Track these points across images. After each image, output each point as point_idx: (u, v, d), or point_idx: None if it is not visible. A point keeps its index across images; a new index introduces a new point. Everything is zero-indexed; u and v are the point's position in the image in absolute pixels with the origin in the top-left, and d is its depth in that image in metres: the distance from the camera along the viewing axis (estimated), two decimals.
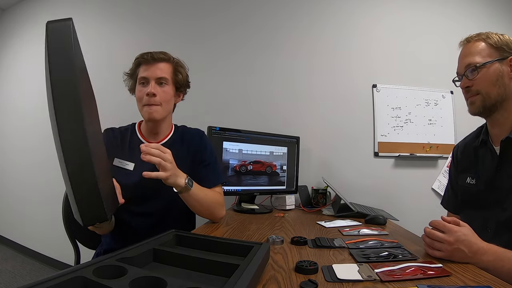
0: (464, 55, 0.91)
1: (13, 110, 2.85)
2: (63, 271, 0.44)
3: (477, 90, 0.88)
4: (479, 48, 0.87)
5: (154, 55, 1.04)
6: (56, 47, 0.49)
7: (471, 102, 0.91)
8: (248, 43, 2.05)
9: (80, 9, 2.43)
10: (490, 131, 0.96)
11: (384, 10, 2.05)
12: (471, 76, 0.87)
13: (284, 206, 1.56)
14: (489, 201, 0.90)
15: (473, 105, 0.91)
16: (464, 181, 1.00)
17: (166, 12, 2.14)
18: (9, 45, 2.99)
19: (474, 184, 0.96)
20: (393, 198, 1.91)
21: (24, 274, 2.19)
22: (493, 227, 0.89)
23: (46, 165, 2.48)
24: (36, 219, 2.53)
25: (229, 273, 0.48)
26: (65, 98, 0.48)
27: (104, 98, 2.15)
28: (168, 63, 1.07)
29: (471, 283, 0.58)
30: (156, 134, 1.10)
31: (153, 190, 1.00)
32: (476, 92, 0.88)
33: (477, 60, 0.86)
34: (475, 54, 0.87)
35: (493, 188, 0.89)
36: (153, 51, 1.05)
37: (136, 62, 1.06)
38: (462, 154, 1.05)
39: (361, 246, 0.83)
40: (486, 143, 0.95)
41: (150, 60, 1.03)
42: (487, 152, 0.94)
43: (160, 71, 1.03)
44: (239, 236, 0.95)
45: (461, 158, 1.05)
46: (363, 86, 2.00)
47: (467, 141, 1.06)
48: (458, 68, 0.94)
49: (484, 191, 0.92)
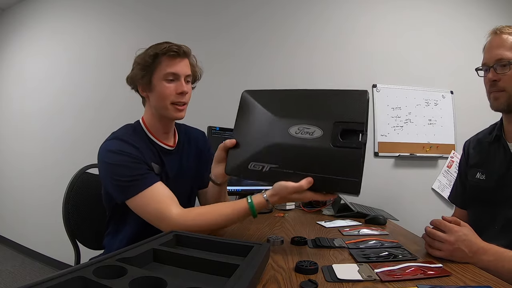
0: (496, 46, 0.85)
1: (13, 111, 2.85)
2: (63, 271, 0.44)
3: (504, 87, 0.84)
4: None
5: (185, 49, 0.93)
6: None
7: (495, 98, 0.87)
8: (248, 43, 2.05)
9: (81, 8, 2.43)
10: (505, 128, 0.94)
11: (384, 10, 2.05)
12: (501, 70, 0.83)
13: (284, 206, 1.56)
14: (498, 197, 0.89)
15: (497, 100, 0.87)
16: (474, 176, 0.99)
17: (167, 11, 2.15)
18: (9, 45, 2.99)
19: (483, 180, 0.95)
20: (393, 198, 1.91)
21: (24, 274, 2.19)
22: (501, 224, 0.88)
23: (46, 165, 2.49)
24: (36, 219, 2.53)
25: (229, 273, 0.48)
26: None
27: (108, 96, 2.16)
28: (189, 59, 0.99)
29: (471, 283, 0.58)
30: (167, 133, 1.02)
31: (185, 197, 1.03)
32: (502, 89, 0.84)
33: (510, 56, 0.82)
34: (508, 48, 0.82)
35: (504, 185, 0.88)
36: (178, 44, 0.94)
37: (157, 53, 0.90)
38: (474, 149, 1.04)
39: (361, 246, 0.83)
40: (500, 139, 0.94)
41: (183, 54, 0.93)
42: (500, 148, 0.93)
43: (187, 67, 0.96)
44: (239, 236, 0.95)
45: (472, 153, 1.04)
46: (363, 86, 1.98)
47: (480, 136, 1.04)
48: (485, 59, 0.88)
49: (494, 188, 0.91)
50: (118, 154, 0.84)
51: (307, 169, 0.72)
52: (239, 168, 0.80)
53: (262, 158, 0.77)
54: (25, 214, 2.64)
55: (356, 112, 0.71)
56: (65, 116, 2.40)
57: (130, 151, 0.85)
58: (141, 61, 0.92)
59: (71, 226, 1.15)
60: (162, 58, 0.91)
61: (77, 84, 2.36)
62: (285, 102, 0.80)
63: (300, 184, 0.70)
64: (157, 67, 0.91)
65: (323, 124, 0.72)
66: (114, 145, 0.87)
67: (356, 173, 0.69)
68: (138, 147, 0.88)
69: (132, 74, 0.96)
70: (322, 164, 0.71)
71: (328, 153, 0.70)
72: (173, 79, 0.92)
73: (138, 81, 0.94)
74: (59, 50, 2.54)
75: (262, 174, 0.76)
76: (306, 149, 0.72)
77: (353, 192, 0.70)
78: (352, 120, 0.70)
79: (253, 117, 0.82)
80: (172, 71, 0.91)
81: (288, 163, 0.74)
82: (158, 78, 0.92)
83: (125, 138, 0.89)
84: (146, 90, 0.95)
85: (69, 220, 1.15)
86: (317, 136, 0.72)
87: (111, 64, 2.13)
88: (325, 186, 0.72)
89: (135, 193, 0.81)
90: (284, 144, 0.75)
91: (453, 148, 1.96)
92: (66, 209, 1.15)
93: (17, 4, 3.00)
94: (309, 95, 0.79)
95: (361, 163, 0.69)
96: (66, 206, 1.15)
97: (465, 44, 2.04)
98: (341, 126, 0.71)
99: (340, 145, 0.70)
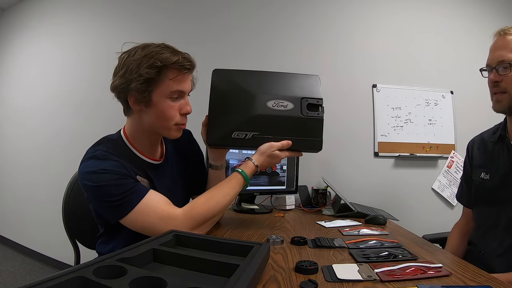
0: (499, 47, 0.86)
1: (13, 110, 2.85)
2: (63, 271, 0.44)
3: (505, 88, 0.84)
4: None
5: (193, 62, 0.84)
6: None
7: (497, 100, 0.88)
8: (249, 44, 2.05)
9: (80, 9, 2.43)
10: (509, 128, 0.94)
11: (384, 11, 2.05)
12: (503, 72, 0.84)
13: (284, 206, 1.56)
14: (502, 197, 0.90)
15: (498, 103, 0.87)
16: (478, 176, 0.99)
17: (167, 14, 2.14)
18: (9, 45, 2.98)
19: (488, 180, 0.96)
20: (393, 198, 1.91)
21: (24, 274, 2.19)
22: (504, 223, 0.88)
23: (46, 165, 2.49)
24: (36, 219, 2.53)
25: (229, 273, 0.48)
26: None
27: (103, 100, 2.16)
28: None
29: (471, 283, 0.58)
30: (154, 146, 0.93)
31: (160, 189, 0.90)
32: (504, 90, 0.85)
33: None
34: (511, 49, 0.83)
35: (508, 185, 0.89)
36: (185, 54, 0.83)
37: (163, 65, 0.77)
38: (478, 149, 1.05)
39: (361, 246, 0.83)
40: (504, 139, 0.95)
41: (190, 69, 0.84)
42: (504, 148, 0.94)
43: (191, 82, 0.88)
44: (239, 236, 0.95)
45: (477, 153, 1.05)
46: (363, 86, 2.00)
47: (484, 136, 1.05)
48: (489, 60, 0.89)
49: (498, 187, 0.91)
50: (100, 174, 0.75)
51: (283, 133, 0.92)
52: (222, 138, 0.94)
53: (245, 127, 0.93)
54: (25, 214, 2.64)
55: (316, 91, 0.97)
56: (64, 113, 2.41)
57: (111, 167, 0.76)
58: (142, 72, 0.76)
59: (71, 226, 1.15)
60: (170, 73, 0.79)
61: (77, 82, 2.36)
62: (260, 81, 0.97)
63: (282, 142, 0.91)
64: (161, 82, 0.79)
65: (293, 99, 0.95)
66: (93, 165, 0.77)
67: (320, 134, 0.94)
68: (118, 161, 0.78)
69: (125, 83, 0.78)
70: (296, 129, 0.93)
71: (299, 120, 0.93)
72: (177, 96, 0.83)
73: (133, 93, 0.79)
74: (57, 50, 2.54)
75: (245, 141, 0.92)
76: (282, 118, 0.93)
77: (318, 148, 0.94)
78: (314, 96, 0.96)
79: (230, 93, 0.96)
80: (180, 89, 0.81)
81: (268, 130, 0.93)
82: (161, 95, 0.80)
83: (103, 155, 0.78)
84: (142, 104, 0.81)
85: (69, 220, 1.15)
86: (290, 108, 0.94)
87: (108, 66, 2.10)
88: (298, 145, 0.93)
89: (129, 210, 0.75)
90: (264, 115, 0.93)
91: (453, 148, 1.96)
92: (66, 209, 1.15)
93: (17, 4, 3.00)
94: (277, 77, 0.99)
95: (322, 127, 0.94)
96: (66, 206, 1.16)
97: (465, 44, 2.04)
98: (307, 100, 0.95)
99: (307, 115, 0.94)
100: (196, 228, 0.80)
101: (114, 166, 0.77)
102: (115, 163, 0.78)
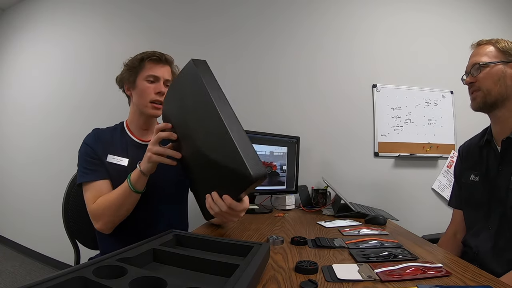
0: (473, 55, 0.98)
1: (14, 110, 2.85)
2: (63, 271, 0.44)
3: (479, 86, 0.93)
4: (487, 50, 0.94)
5: (167, 57, 1.09)
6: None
7: (473, 98, 0.97)
8: (249, 45, 2.05)
9: (80, 10, 2.43)
10: (492, 129, 1.00)
11: (384, 11, 2.05)
12: (475, 73, 0.94)
13: (284, 206, 1.56)
14: (491, 199, 0.93)
15: (474, 100, 0.96)
16: (468, 178, 1.04)
17: (166, 14, 2.14)
18: (9, 45, 2.99)
19: (477, 182, 1.00)
20: (393, 198, 1.91)
21: (24, 274, 2.19)
22: (495, 225, 0.91)
23: (46, 165, 2.49)
24: (36, 219, 2.53)
25: (229, 273, 0.48)
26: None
27: (102, 98, 2.16)
28: (171, 67, 1.12)
29: (471, 283, 0.58)
30: (146, 130, 1.12)
31: (150, 186, 0.97)
32: (478, 89, 0.94)
33: (483, 60, 0.93)
34: (482, 55, 0.94)
35: (495, 187, 0.92)
36: (163, 52, 1.09)
37: (143, 57, 1.06)
38: (467, 153, 1.10)
39: (361, 246, 0.83)
40: (490, 143, 0.99)
41: (164, 61, 1.08)
42: (491, 151, 0.98)
43: (168, 73, 1.09)
44: (239, 236, 0.95)
45: (466, 157, 1.10)
46: (363, 86, 2.00)
47: (473, 140, 1.11)
48: (466, 67, 1.00)
49: (487, 189, 0.95)
50: (83, 145, 1.03)
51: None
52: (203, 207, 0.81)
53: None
54: (25, 214, 2.64)
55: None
56: (64, 112, 2.41)
57: (91, 144, 1.02)
58: (129, 63, 1.08)
59: (71, 227, 1.16)
60: (146, 62, 1.06)
61: (76, 82, 2.36)
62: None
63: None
64: (141, 69, 1.06)
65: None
66: (87, 137, 1.05)
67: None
68: (100, 140, 1.03)
69: (121, 75, 1.10)
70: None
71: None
72: (153, 80, 1.05)
73: (125, 80, 1.09)
74: (57, 50, 2.54)
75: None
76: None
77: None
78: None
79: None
80: (153, 73, 1.05)
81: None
82: (141, 79, 1.06)
83: (98, 130, 1.08)
84: (130, 89, 1.09)
85: (69, 220, 1.15)
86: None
87: (108, 65, 2.10)
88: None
89: (81, 181, 0.98)
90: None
91: (453, 148, 1.96)
92: (66, 209, 1.15)
93: (17, 4, 3.00)
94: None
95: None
96: (66, 206, 1.16)
97: (464, 44, 2.03)
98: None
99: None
100: (95, 221, 0.97)
101: (93, 143, 1.02)
102: (95, 141, 1.03)
